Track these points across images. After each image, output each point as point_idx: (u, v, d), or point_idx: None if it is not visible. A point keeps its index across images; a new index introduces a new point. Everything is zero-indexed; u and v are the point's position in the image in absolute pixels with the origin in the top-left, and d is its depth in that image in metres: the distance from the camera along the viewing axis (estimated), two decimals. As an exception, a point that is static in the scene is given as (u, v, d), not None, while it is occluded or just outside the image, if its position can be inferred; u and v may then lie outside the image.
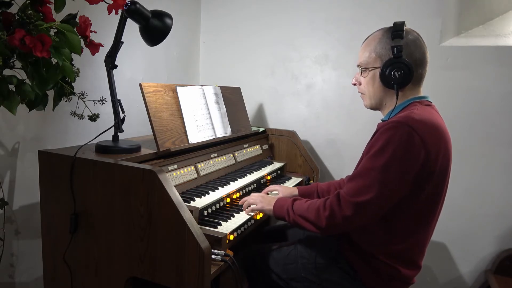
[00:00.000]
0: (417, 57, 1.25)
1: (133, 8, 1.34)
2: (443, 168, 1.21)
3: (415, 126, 1.13)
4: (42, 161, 1.35)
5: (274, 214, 1.41)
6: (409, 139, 1.12)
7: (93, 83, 1.79)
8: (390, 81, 1.24)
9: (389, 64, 1.23)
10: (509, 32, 2.00)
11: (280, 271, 1.42)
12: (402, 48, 1.22)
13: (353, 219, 1.18)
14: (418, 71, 1.26)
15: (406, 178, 1.15)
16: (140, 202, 1.16)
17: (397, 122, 1.15)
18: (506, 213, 1.98)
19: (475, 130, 2.01)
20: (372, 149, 1.18)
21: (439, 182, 1.21)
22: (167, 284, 1.16)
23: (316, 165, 2.22)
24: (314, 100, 2.41)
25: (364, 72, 1.34)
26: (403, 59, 1.22)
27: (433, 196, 1.22)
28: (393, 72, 1.22)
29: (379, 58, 1.28)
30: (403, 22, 1.26)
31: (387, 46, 1.26)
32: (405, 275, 1.27)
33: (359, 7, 2.19)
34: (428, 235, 1.29)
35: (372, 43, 1.31)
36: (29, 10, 1.00)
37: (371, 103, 1.37)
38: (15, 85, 1.08)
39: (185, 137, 1.64)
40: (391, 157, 1.13)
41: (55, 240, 1.36)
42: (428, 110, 1.23)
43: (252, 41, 2.54)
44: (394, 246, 1.25)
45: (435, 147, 1.16)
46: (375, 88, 1.32)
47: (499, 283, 1.87)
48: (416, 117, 1.16)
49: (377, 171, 1.15)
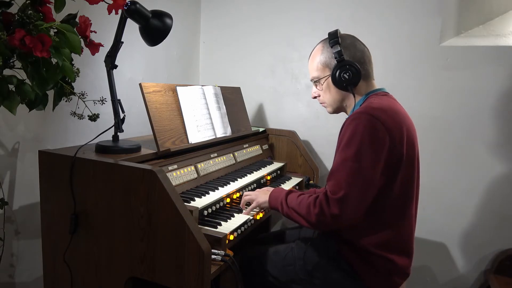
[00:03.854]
0: (358, 56, 1.36)
1: (133, 8, 1.34)
2: (410, 153, 1.27)
3: (375, 114, 1.21)
4: (42, 161, 1.35)
5: (269, 205, 1.43)
6: (372, 125, 1.19)
7: (93, 83, 1.79)
8: (343, 84, 1.34)
9: (336, 69, 1.34)
10: (509, 32, 2.00)
11: (277, 274, 1.42)
12: (342, 53, 1.33)
13: (340, 216, 1.20)
14: (364, 67, 1.36)
15: (377, 164, 1.20)
16: (140, 202, 1.16)
17: (358, 113, 1.23)
18: (506, 213, 1.98)
19: (475, 130, 2.00)
20: (341, 143, 1.25)
21: (409, 167, 1.27)
22: (167, 284, 1.16)
23: (316, 165, 2.22)
24: (314, 100, 2.37)
25: (318, 85, 1.46)
26: (347, 61, 1.33)
27: (407, 182, 1.28)
28: (342, 74, 1.33)
29: (327, 67, 1.40)
30: (337, 30, 1.37)
31: (329, 54, 1.38)
32: (401, 265, 1.30)
33: (359, 7, 2.19)
34: (410, 223, 1.34)
35: (317, 57, 1.43)
36: (29, 10, 1.00)
37: (333, 109, 1.47)
38: (15, 85, 1.08)
39: (185, 137, 1.64)
40: (360, 145, 1.19)
41: (55, 240, 1.36)
42: (385, 99, 1.32)
43: (252, 41, 2.54)
44: (381, 237, 1.28)
45: (398, 131, 1.22)
46: (332, 95, 1.42)
47: (499, 283, 1.87)
48: (375, 106, 1.25)
49: (349, 162, 1.20)
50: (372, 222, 1.28)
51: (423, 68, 2.08)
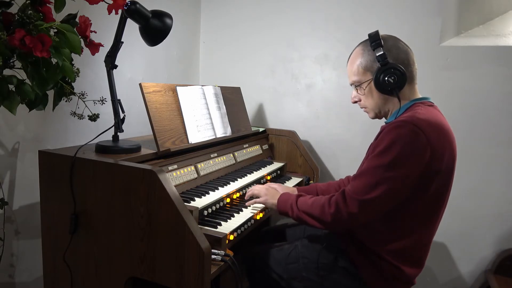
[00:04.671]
0: (402, 57, 1.29)
1: (133, 8, 1.34)
2: (449, 168, 1.22)
3: (420, 125, 1.15)
4: (42, 161, 1.35)
5: (278, 208, 1.42)
6: (415, 137, 1.14)
7: (93, 83, 1.79)
8: (387, 88, 1.27)
9: (380, 72, 1.27)
10: (509, 32, 2.00)
11: (281, 271, 1.42)
12: (386, 55, 1.26)
13: (358, 216, 1.20)
14: (408, 70, 1.29)
15: (411, 176, 1.16)
16: (140, 202, 1.16)
17: (402, 121, 1.17)
18: (506, 213, 1.98)
19: (475, 130, 2.00)
20: (378, 148, 1.20)
21: (444, 182, 1.23)
22: (167, 284, 1.16)
23: (316, 165, 2.22)
24: (314, 100, 2.41)
25: (359, 89, 1.38)
26: (391, 64, 1.26)
27: (438, 195, 1.23)
28: (386, 78, 1.26)
29: (368, 71, 1.33)
30: (377, 31, 1.29)
31: (371, 57, 1.31)
32: (408, 274, 1.28)
33: (359, 7, 2.19)
34: (431, 234, 1.31)
35: (357, 60, 1.36)
36: (29, 10, 1.01)
37: (375, 114, 1.40)
38: (15, 85, 1.08)
39: (185, 137, 1.64)
40: (397, 155, 1.15)
41: (55, 240, 1.36)
42: (431, 111, 1.26)
43: (252, 41, 2.54)
44: (398, 245, 1.25)
45: (440, 146, 1.18)
46: (375, 99, 1.35)
47: (499, 283, 1.87)
48: (421, 116, 1.19)
49: (383, 169, 1.16)
50: (393, 228, 1.25)
51: (423, 68, 2.06)
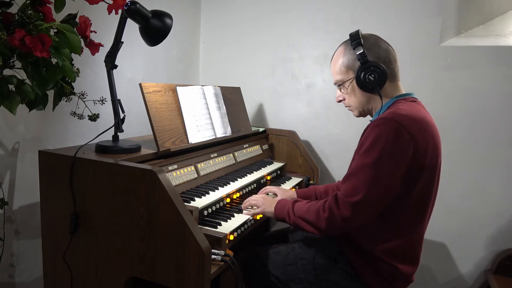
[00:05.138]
0: (383, 56, 1.31)
1: (133, 8, 1.34)
2: (433, 163, 1.24)
3: (402, 121, 1.17)
4: (42, 161, 1.35)
5: (275, 215, 1.41)
6: (397, 134, 1.15)
7: (93, 83, 1.79)
8: (368, 85, 1.29)
9: (361, 70, 1.29)
10: (509, 32, 2.00)
11: (279, 273, 1.42)
12: (365, 54, 1.29)
13: (352, 219, 1.20)
14: (389, 67, 1.31)
15: (397, 173, 1.17)
16: (140, 202, 1.16)
17: (384, 118, 1.19)
18: (506, 213, 1.98)
19: (475, 130, 2.00)
20: (362, 147, 1.21)
21: (430, 177, 1.24)
22: (167, 284, 1.16)
23: (316, 165, 2.22)
24: (314, 100, 2.41)
25: (343, 88, 1.40)
26: (371, 62, 1.28)
27: (426, 190, 1.25)
28: (367, 76, 1.28)
29: (350, 70, 1.35)
30: (358, 30, 1.32)
31: (352, 56, 1.33)
32: (405, 272, 1.29)
33: (359, 7, 2.19)
34: (422, 231, 1.32)
35: (339, 59, 1.38)
36: (29, 10, 1.00)
37: (359, 112, 1.42)
38: (15, 85, 1.08)
39: (185, 137, 1.64)
40: (381, 153, 1.16)
41: (55, 240, 1.36)
42: (414, 106, 1.28)
43: (252, 41, 2.54)
44: (391, 244, 1.26)
45: (423, 141, 1.19)
46: (358, 98, 1.38)
47: (499, 283, 1.87)
48: (403, 112, 1.20)
49: (368, 168, 1.17)
50: (385, 228, 1.26)
51: (423, 68, 2.08)
